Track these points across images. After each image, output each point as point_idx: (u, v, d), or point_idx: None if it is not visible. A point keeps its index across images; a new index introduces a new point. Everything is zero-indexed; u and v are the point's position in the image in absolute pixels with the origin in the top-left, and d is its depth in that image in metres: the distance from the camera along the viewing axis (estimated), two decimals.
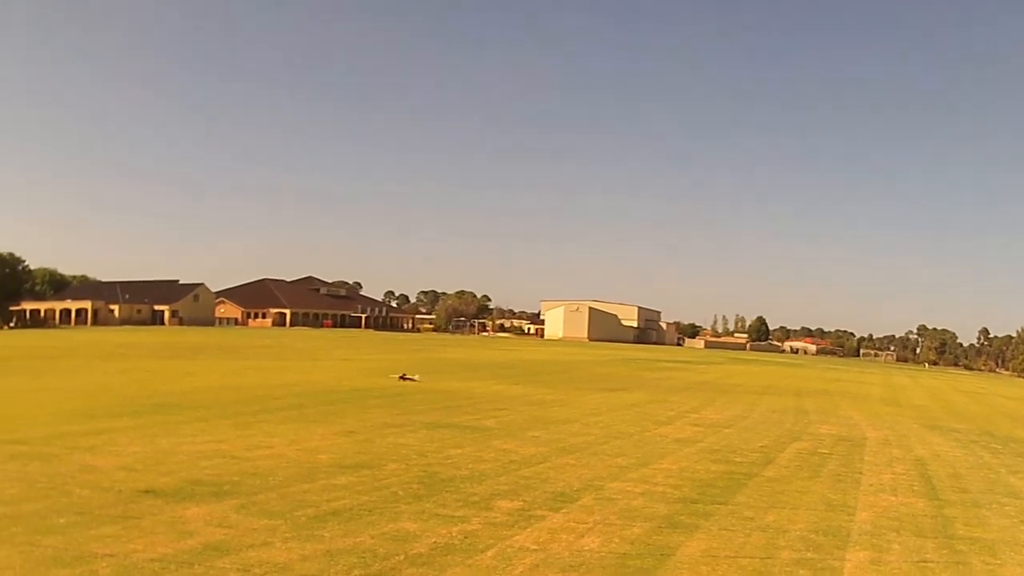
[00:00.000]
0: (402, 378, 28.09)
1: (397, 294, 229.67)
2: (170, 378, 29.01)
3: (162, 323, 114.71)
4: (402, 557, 8.53)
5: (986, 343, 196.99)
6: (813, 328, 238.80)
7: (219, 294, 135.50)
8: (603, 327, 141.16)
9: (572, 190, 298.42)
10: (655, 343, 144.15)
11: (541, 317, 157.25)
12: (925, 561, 9.82)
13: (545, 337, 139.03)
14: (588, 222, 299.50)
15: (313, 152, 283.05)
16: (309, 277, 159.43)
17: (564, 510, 11.25)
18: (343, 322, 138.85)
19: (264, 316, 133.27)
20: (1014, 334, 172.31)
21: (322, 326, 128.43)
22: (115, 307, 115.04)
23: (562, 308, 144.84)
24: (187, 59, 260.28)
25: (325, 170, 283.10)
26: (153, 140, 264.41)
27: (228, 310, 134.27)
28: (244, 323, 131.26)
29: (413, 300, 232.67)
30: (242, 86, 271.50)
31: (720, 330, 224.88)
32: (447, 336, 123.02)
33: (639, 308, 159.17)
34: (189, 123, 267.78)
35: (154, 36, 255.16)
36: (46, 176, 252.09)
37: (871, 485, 14.87)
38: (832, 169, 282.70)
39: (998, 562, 10.00)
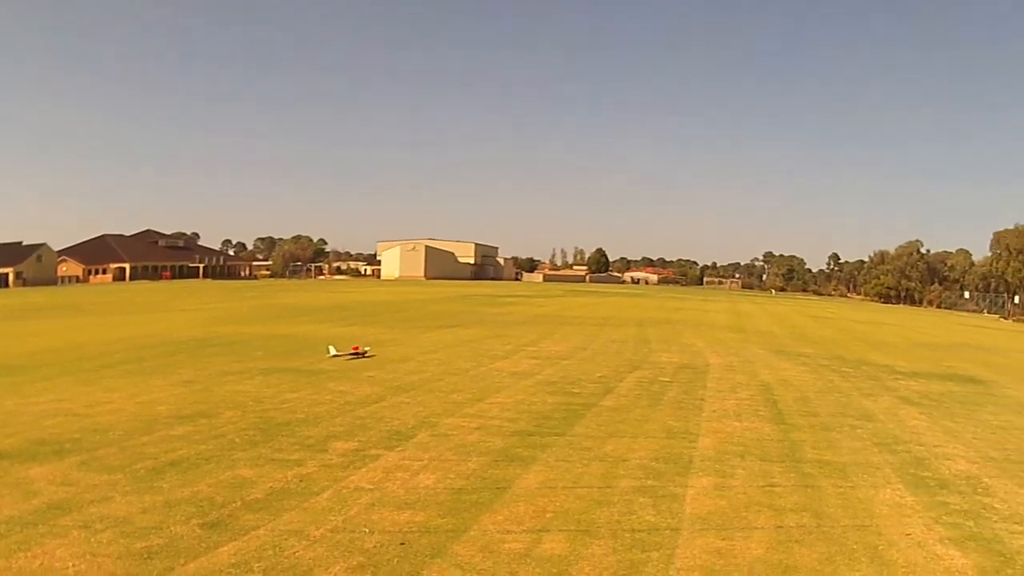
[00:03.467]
0: (355, 354, 21.99)
1: (235, 242, 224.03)
2: (13, 340, 27.67)
3: (6, 285, 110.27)
4: (239, 504, 8.63)
5: (836, 268, 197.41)
6: (655, 258, 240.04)
7: (61, 253, 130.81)
8: (440, 265, 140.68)
9: (407, 132, 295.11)
10: (493, 279, 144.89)
11: (377, 258, 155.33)
12: (772, 485, 9.83)
13: (382, 278, 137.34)
14: (423, 162, 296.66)
15: (148, 102, 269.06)
16: (148, 230, 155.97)
17: (399, 448, 11.17)
18: (181, 273, 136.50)
19: (105, 272, 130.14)
20: (866, 259, 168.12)
21: (161, 278, 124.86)
22: None
23: (398, 248, 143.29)
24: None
25: (160, 118, 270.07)
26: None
27: (70, 268, 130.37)
28: (86, 280, 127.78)
29: (250, 247, 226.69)
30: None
31: (559, 263, 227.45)
32: (284, 281, 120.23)
33: (476, 245, 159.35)
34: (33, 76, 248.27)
35: None
36: None
37: (714, 411, 15.02)
38: (671, 96, 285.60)
39: (849, 484, 10.11)
